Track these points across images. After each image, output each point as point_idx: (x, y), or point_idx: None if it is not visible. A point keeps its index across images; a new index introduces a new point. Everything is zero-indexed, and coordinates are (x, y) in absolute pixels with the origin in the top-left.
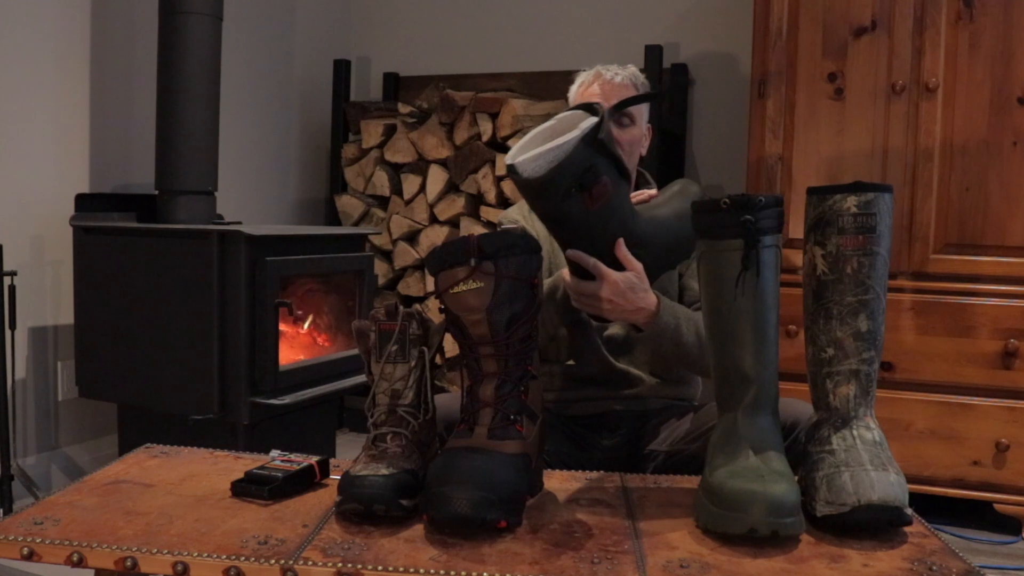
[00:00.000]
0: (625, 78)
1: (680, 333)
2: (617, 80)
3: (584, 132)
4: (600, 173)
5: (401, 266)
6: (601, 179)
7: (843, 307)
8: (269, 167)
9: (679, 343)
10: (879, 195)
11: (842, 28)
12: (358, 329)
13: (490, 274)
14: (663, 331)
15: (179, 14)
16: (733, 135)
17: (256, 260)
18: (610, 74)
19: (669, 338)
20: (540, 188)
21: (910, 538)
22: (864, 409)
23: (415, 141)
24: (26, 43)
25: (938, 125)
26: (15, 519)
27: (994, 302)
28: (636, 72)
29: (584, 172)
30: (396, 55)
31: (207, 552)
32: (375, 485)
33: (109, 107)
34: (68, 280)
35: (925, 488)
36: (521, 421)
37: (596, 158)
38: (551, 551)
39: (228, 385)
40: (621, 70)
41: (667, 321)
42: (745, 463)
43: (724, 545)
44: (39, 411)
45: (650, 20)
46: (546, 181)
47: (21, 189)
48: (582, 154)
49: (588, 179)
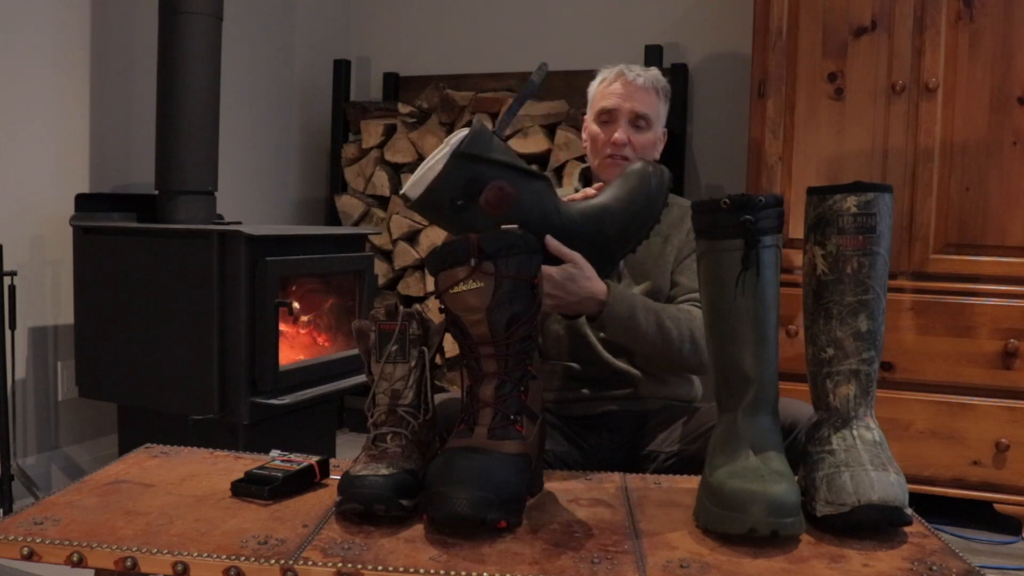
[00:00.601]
0: (647, 81)
1: (636, 321)
2: (639, 82)
3: (453, 148)
4: (486, 180)
5: (401, 266)
6: (492, 185)
7: (843, 307)
8: (269, 167)
9: (635, 331)
10: (879, 195)
11: (842, 28)
12: (358, 329)
13: (490, 274)
14: (616, 318)
15: (179, 14)
16: (733, 135)
17: (256, 260)
18: (632, 75)
19: (623, 326)
20: (425, 208)
21: (910, 538)
22: (864, 409)
23: (415, 141)
24: (26, 43)
25: (938, 125)
26: (15, 519)
27: (994, 302)
28: (659, 75)
29: (467, 184)
30: (396, 55)
31: (207, 552)
32: (375, 485)
33: (109, 107)
34: (68, 280)
35: (925, 488)
36: (521, 421)
37: (477, 168)
38: (551, 551)
39: (228, 385)
40: (644, 72)
41: (619, 309)
42: (745, 463)
43: (724, 545)
44: (39, 411)
45: (650, 20)
46: (427, 201)
47: (21, 189)
48: (457, 168)
49: (473, 189)
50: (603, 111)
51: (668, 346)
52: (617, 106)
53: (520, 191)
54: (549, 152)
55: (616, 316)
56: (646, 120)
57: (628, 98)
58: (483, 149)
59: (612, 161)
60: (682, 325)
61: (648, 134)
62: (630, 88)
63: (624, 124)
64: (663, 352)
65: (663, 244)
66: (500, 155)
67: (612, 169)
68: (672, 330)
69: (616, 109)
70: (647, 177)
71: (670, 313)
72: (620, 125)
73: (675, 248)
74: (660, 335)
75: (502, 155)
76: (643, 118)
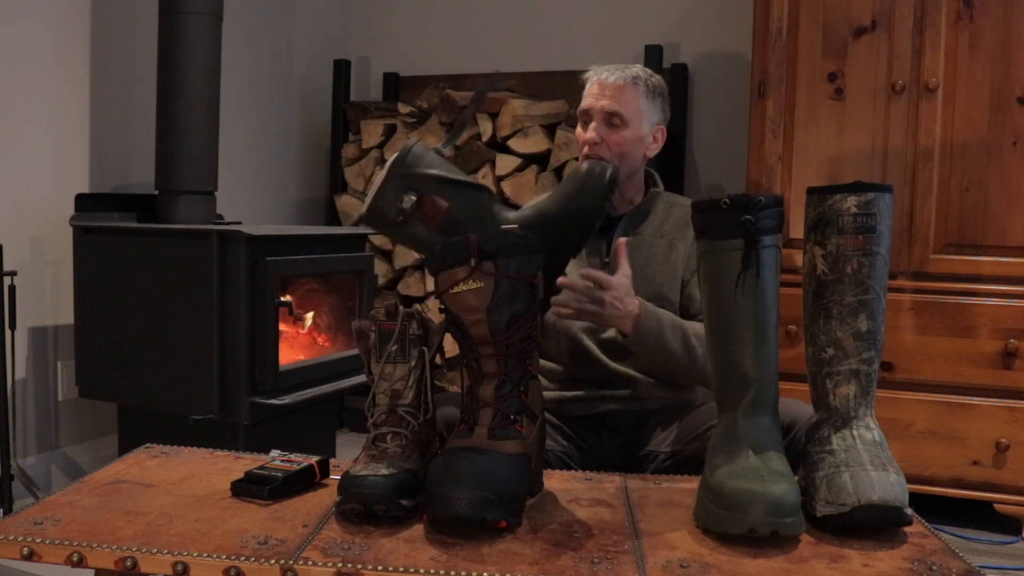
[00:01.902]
0: (619, 78)
1: (664, 339)
2: (610, 80)
3: (388, 166)
4: (421, 195)
5: (401, 266)
6: (425, 200)
7: (843, 307)
8: (269, 167)
9: (663, 348)
10: (879, 195)
11: (842, 28)
12: (358, 329)
13: (490, 274)
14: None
15: (179, 14)
16: (733, 135)
17: (256, 260)
18: (605, 74)
19: (652, 344)
20: (372, 223)
21: (910, 538)
22: (864, 409)
23: None
24: (26, 43)
25: (938, 125)
26: (15, 519)
27: (994, 302)
28: (638, 72)
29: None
30: (396, 55)
31: (207, 552)
32: (375, 485)
33: (109, 107)
34: (68, 280)
35: (925, 488)
36: (521, 421)
37: (412, 183)
38: (551, 551)
39: (228, 385)
40: (619, 70)
41: (649, 325)
42: (745, 463)
43: (724, 545)
44: (39, 411)
45: (650, 20)
46: (372, 217)
47: (21, 189)
48: (392, 185)
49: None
50: (582, 112)
51: (693, 364)
52: (590, 106)
53: (455, 203)
54: (549, 152)
55: (647, 332)
56: (619, 117)
57: (600, 97)
58: (415, 166)
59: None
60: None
61: (624, 132)
62: (602, 87)
63: (598, 123)
64: (687, 369)
65: (668, 249)
66: (434, 170)
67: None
68: (697, 348)
69: (590, 109)
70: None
71: (696, 330)
72: (591, 124)
73: (683, 255)
74: (686, 352)
75: (436, 169)
76: (616, 115)
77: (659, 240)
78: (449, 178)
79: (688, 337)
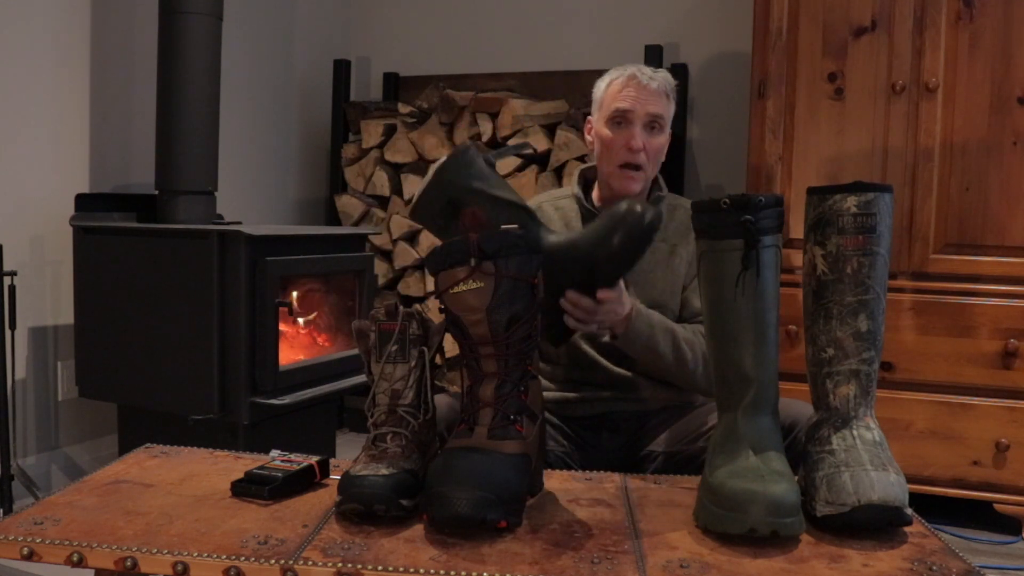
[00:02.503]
0: (660, 84)
1: (655, 341)
2: (653, 86)
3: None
4: (461, 206)
5: (401, 266)
6: (466, 211)
7: (843, 307)
8: (269, 167)
9: (653, 351)
10: (879, 195)
11: (842, 28)
12: (358, 329)
13: (490, 274)
14: (636, 336)
15: (179, 14)
16: (733, 135)
17: (256, 260)
18: (646, 78)
19: (643, 345)
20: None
21: (910, 538)
22: (864, 409)
23: (415, 141)
24: (26, 43)
25: (938, 125)
26: (15, 519)
27: (994, 302)
28: (669, 78)
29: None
30: (396, 55)
31: (207, 552)
32: (375, 485)
33: (109, 107)
34: (68, 280)
35: (925, 488)
36: (521, 421)
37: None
38: (551, 551)
39: (228, 385)
40: (655, 74)
41: (640, 327)
42: (745, 463)
43: (724, 545)
44: (39, 411)
45: (650, 20)
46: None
47: (21, 189)
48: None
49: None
50: (617, 112)
51: (682, 368)
52: (632, 108)
53: (494, 221)
54: (549, 152)
55: (637, 333)
56: (659, 123)
57: (643, 101)
58: (461, 174)
59: (624, 172)
60: (696, 349)
61: (661, 137)
62: (644, 91)
63: (639, 128)
64: (677, 373)
65: (669, 253)
66: (478, 182)
67: (626, 182)
68: (687, 352)
69: (631, 111)
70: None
71: (686, 336)
72: (635, 129)
73: (684, 260)
74: (675, 356)
75: (480, 182)
76: (657, 120)
77: (661, 244)
78: (492, 194)
79: (679, 342)
